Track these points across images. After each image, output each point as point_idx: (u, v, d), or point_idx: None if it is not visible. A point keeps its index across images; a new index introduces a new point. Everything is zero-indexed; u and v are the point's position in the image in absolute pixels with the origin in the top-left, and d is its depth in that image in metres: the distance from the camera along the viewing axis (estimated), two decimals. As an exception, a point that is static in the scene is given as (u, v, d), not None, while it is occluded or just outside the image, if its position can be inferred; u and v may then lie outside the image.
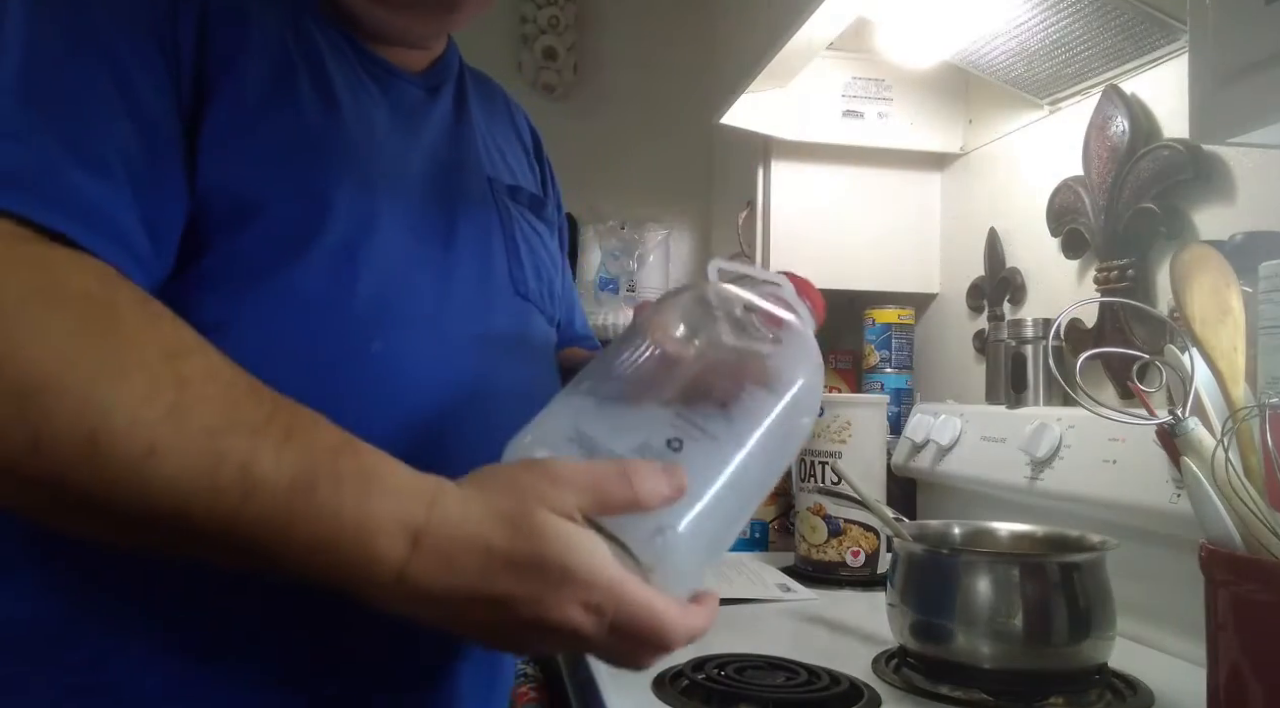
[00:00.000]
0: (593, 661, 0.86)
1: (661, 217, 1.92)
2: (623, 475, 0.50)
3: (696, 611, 0.53)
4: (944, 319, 1.56)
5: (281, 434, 0.48)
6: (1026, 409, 1.18)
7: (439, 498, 0.49)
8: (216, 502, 0.46)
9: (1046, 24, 1.11)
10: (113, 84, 0.56)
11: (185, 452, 0.46)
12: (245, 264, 0.60)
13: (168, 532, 0.48)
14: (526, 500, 0.49)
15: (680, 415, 0.55)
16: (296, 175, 0.63)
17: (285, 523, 0.47)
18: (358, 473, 0.49)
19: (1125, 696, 0.79)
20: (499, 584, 0.48)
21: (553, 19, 1.90)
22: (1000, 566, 0.80)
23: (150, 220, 0.56)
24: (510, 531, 0.49)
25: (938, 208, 1.58)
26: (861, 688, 0.78)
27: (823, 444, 1.25)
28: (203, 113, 0.60)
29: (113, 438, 0.45)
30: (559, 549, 0.48)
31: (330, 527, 0.47)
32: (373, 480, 0.49)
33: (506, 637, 0.52)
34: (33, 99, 0.52)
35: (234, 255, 0.60)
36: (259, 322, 0.60)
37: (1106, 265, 1.12)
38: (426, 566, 0.48)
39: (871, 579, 1.22)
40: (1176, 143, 1.02)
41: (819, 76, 1.44)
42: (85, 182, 0.52)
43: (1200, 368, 0.68)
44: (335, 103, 0.68)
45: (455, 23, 0.79)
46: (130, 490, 0.46)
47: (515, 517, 0.49)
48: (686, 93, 1.93)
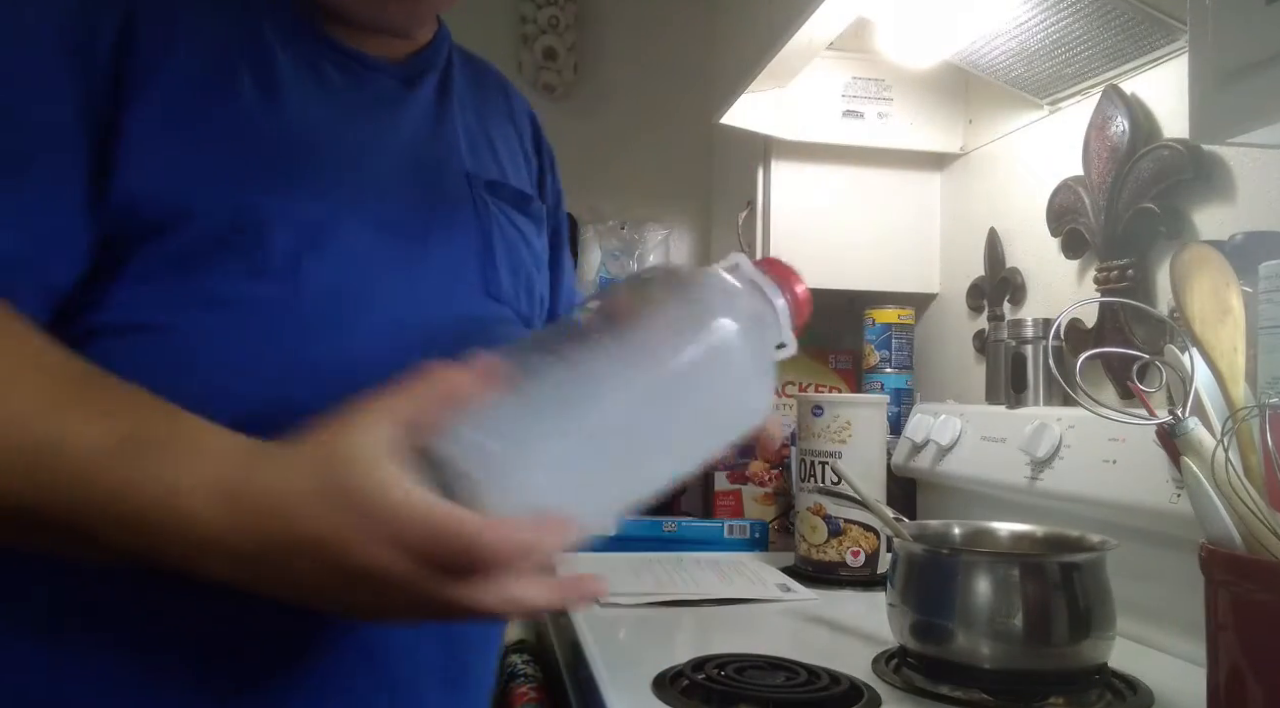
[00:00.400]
0: (593, 661, 0.86)
1: (661, 217, 1.92)
2: (430, 381, 0.48)
3: (519, 522, 0.46)
4: (944, 319, 1.56)
5: (97, 413, 0.49)
6: (1026, 409, 1.18)
7: (259, 459, 0.48)
8: (31, 483, 0.47)
9: (1046, 24, 1.11)
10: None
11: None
12: (176, 269, 0.59)
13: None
14: (336, 437, 0.47)
15: (542, 343, 0.52)
16: (228, 179, 0.61)
17: (104, 499, 0.47)
18: (170, 440, 0.48)
19: (1125, 696, 0.79)
20: (308, 526, 0.46)
21: (553, 19, 1.90)
22: (1000, 566, 0.80)
23: (35, 229, 0.56)
24: (317, 468, 0.46)
25: (938, 208, 1.58)
26: (861, 688, 0.78)
27: (823, 444, 1.25)
28: (121, 118, 0.59)
29: None
30: (358, 475, 0.45)
31: (143, 495, 0.47)
32: (187, 447, 0.48)
33: (333, 596, 0.49)
34: None
35: (165, 260, 0.59)
36: (203, 329, 0.59)
37: (1106, 265, 1.12)
38: (243, 523, 0.46)
39: (871, 579, 1.22)
40: (1176, 143, 1.02)
41: (819, 76, 1.44)
42: None
43: (1200, 368, 0.68)
44: (280, 99, 0.66)
45: (425, 8, 0.76)
46: None
47: (323, 455, 0.47)
48: (686, 93, 1.92)
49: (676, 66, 1.95)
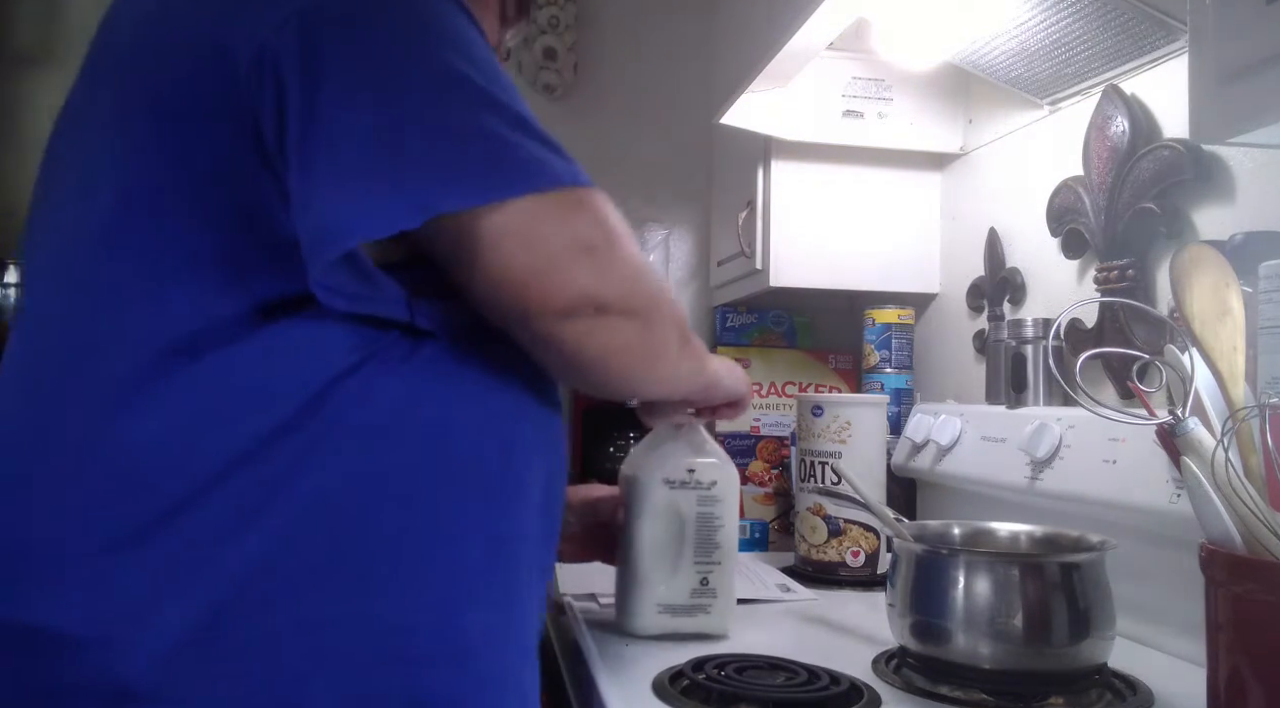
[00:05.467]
0: (593, 661, 0.86)
1: (661, 217, 1.92)
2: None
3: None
4: (944, 319, 1.56)
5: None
6: (1026, 409, 1.18)
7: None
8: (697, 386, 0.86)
9: (1046, 24, 1.11)
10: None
11: None
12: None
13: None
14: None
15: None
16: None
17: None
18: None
19: (1125, 696, 0.79)
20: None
21: (553, 19, 1.90)
22: (1000, 566, 0.80)
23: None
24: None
25: (938, 208, 1.58)
26: (861, 688, 0.78)
27: (823, 444, 1.25)
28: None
29: None
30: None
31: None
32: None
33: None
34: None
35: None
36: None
37: (1106, 265, 1.12)
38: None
39: (871, 579, 1.22)
40: (1176, 143, 1.02)
41: (819, 76, 1.44)
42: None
43: (1200, 368, 0.68)
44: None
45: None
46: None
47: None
48: (686, 93, 1.92)
49: (676, 66, 1.95)
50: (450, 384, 0.66)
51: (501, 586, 0.67)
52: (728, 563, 0.95)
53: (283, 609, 0.58)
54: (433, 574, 0.63)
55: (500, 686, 0.65)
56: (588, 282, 0.63)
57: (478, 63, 0.64)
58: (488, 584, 0.66)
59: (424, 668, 0.61)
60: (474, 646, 0.64)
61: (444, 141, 0.61)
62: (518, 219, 0.62)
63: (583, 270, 0.63)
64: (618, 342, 0.67)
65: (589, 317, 0.64)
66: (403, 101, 0.61)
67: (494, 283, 0.63)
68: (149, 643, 0.56)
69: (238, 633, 0.57)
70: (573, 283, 0.63)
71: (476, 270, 0.62)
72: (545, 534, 0.73)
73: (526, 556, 0.70)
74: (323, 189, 0.59)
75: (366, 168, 0.60)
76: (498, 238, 0.61)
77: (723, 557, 0.95)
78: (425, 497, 0.63)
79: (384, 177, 0.60)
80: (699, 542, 0.94)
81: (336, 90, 0.60)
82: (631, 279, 0.66)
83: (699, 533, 0.94)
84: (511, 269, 0.62)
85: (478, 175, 0.61)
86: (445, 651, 0.62)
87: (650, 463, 0.95)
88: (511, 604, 0.68)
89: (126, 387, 0.60)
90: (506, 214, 0.61)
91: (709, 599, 0.94)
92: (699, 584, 0.94)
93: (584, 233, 0.64)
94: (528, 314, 0.63)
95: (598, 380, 0.70)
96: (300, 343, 0.62)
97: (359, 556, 0.61)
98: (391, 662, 0.60)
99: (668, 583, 0.94)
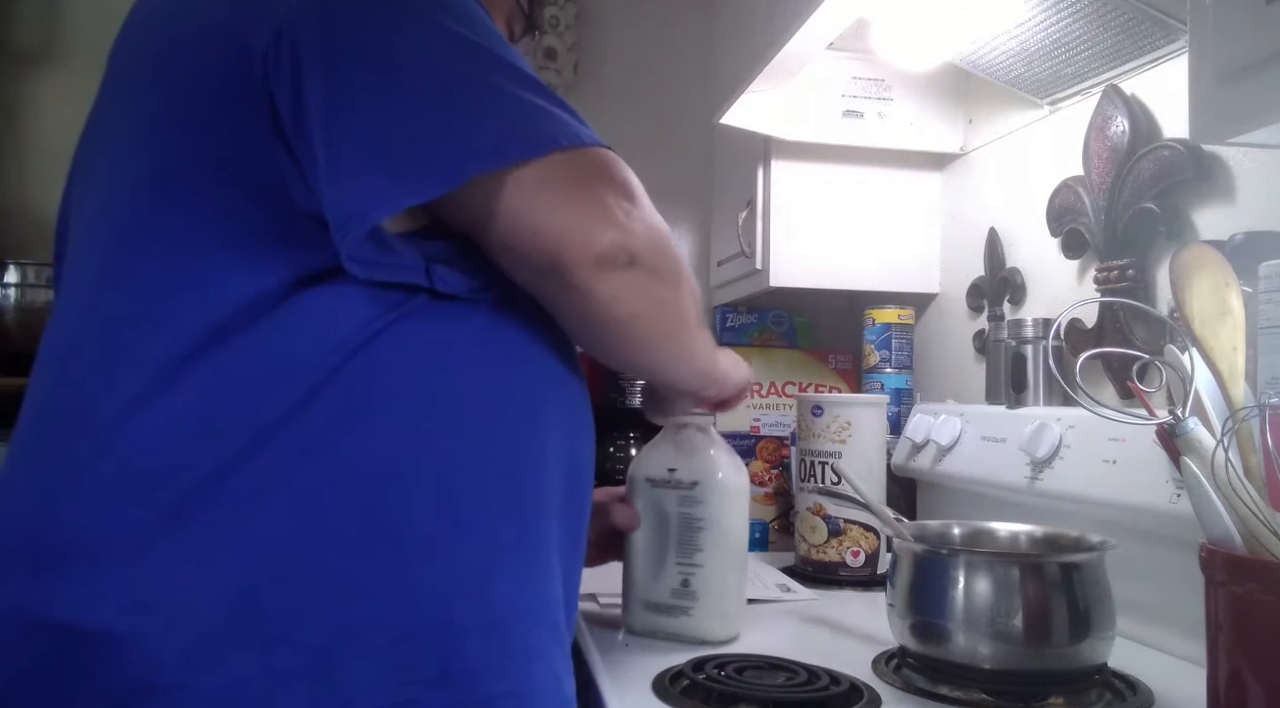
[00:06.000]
0: (593, 661, 0.86)
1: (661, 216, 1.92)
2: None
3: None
4: (944, 319, 1.56)
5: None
6: (1026, 409, 1.18)
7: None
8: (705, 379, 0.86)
9: (1046, 24, 1.11)
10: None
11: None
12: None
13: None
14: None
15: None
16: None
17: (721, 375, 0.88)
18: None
19: (1125, 696, 0.79)
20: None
21: (553, 19, 1.90)
22: (1000, 566, 0.80)
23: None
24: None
25: (938, 208, 1.58)
26: (861, 688, 0.78)
27: (823, 444, 1.25)
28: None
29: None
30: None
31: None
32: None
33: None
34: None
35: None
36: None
37: (1106, 265, 1.12)
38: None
39: (871, 579, 1.22)
40: (1176, 143, 1.02)
41: (819, 76, 1.44)
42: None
43: (1200, 368, 0.68)
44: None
45: None
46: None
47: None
48: (686, 93, 1.92)
49: (676, 66, 1.95)
50: (474, 348, 0.67)
51: (531, 558, 0.67)
52: (714, 567, 0.93)
53: (314, 576, 0.58)
54: (463, 544, 0.63)
55: (529, 658, 0.65)
56: (619, 235, 0.65)
57: (490, 35, 0.66)
58: (518, 557, 0.66)
59: (455, 637, 0.61)
60: (504, 617, 0.64)
61: (469, 106, 0.63)
62: (550, 173, 0.64)
63: (613, 223, 0.65)
64: (647, 298, 0.69)
65: (623, 268, 0.66)
66: (423, 73, 0.63)
67: (530, 237, 0.64)
68: (181, 631, 0.56)
69: (270, 602, 0.58)
70: (606, 233, 0.65)
71: (511, 228, 0.64)
72: (572, 508, 0.73)
73: (552, 528, 0.70)
74: (350, 166, 0.60)
75: (394, 141, 0.61)
76: (532, 194, 0.63)
77: (706, 560, 0.93)
78: (455, 467, 0.64)
79: (411, 148, 0.61)
80: (680, 542, 0.93)
81: (356, 68, 0.61)
82: (658, 239, 0.69)
83: (680, 534, 0.93)
84: (547, 223, 0.64)
85: (506, 135, 0.63)
86: (477, 620, 0.62)
87: (640, 460, 0.97)
88: (540, 578, 0.68)
89: (159, 371, 0.60)
90: (538, 170, 0.63)
91: (689, 602, 0.93)
92: (679, 585, 0.93)
93: (612, 190, 0.66)
94: (564, 266, 0.64)
95: (621, 343, 0.72)
96: (322, 311, 0.62)
97: (390, 523, 0.61)
98: (423, 631, 0.60)
99: (652, 581, 0.94)
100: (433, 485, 0.63)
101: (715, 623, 0.94)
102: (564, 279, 0.65)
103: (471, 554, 0.63)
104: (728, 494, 0.94)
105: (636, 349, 0.73)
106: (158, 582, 0.57)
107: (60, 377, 0.65)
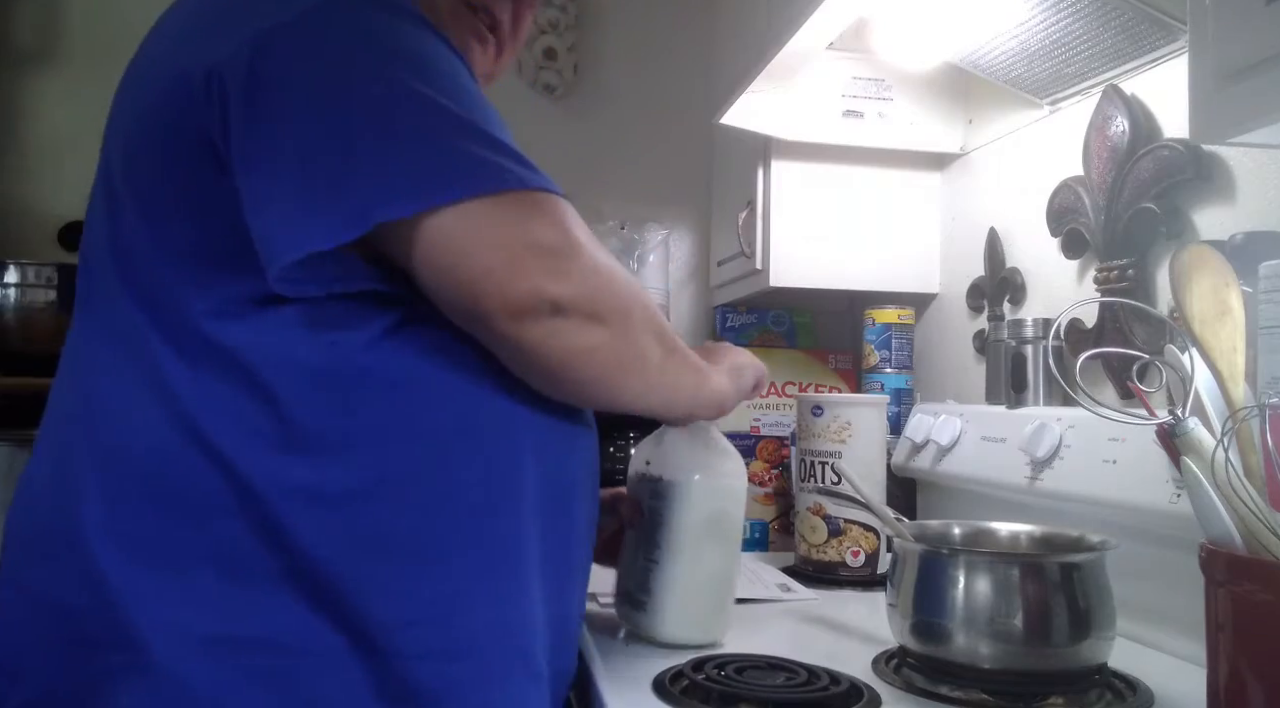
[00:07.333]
0: (593, 661, 0.86)
1: (661, 217, 1.91)
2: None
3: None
4: (944, 319, 1.56)
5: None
6: (1026, 409, 1.18)
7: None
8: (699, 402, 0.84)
9: (1046, 24, 1.11)
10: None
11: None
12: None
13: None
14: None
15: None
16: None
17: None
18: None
19: (1125, 696, 0.79)
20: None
21: (553, 19, 1.90)
22: (1000, 566, 0.80)
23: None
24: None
25: (938, 208, 1.58)
26: (861, 688, 0.78)
27: (823, 444, 1.25)
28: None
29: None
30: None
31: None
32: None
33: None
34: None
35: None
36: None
37: (1106, 265, 1.12)
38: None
39: (871, 579, 1.22)
40: (1176, 143, 1.02)
41: (819, 76, 1.44)
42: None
43: (1200, 368, 0.68)
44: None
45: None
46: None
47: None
48: (686, 93, 1.92)
49: (676, 66, 1.95)
50: (442, 374, 0.67)
51: (502, 584, 0.67)
52: (670, 566, 0.89)
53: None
54: (427, 572, 0.64)
55: (490, 683, 0.66)
56: (542, 282, 0.63)
57: (434, 77, 0.65)
58: (487, 583, 0.66)
59: (416, 661, 0.63)
60: (467, 644, 0.65)
61: (383, 151, 0.62)
62: (462, 222, 0.62)
63: (536, 271, 0.63)
64: (580, 345, 0.66)
65: (546, 317, 0.64)
66: (343, 115, 0.62)
67: (447, 285, 0.63)
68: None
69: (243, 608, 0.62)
70: (524, 282, 0.63)
71: (431, 274, 0.63)
72: (559, 526, 0.73)
73: (531, 551, 0.70)
74: (267, 202, 0.62)
75: (306, 180, 0.61)
76: (444, 241, 0.62)
77: (662, 557, 0.89)
78: (420, 500, 0.65)
79: (322, 189, 0.61)
80: (647, 538, 0.91)
81: (277, 104, 0.62)
82: (595, 285, 0.66)
83: (648, 528, 0.91)
84: (461, 270, 0.62)
85: (417, 181, 0.61)
86: (436, 648, 0.63)
87: (634, 453, 0.97)
88: (510, 604, 0.68)
89: (142, 391, 0.64)
90: (449, 217, 0.62)
91: (645, 597, 0.91)
92: (641, 578, 0.91)
93: (539, 234, 0.64)
94: (484, 315, 0.63)
95: (570, 388, 0.69)
96: (268, 343, 0.64)
97: (357, 552, 0.63)
98: (384, 653, 0.62)
99: (626, 573, 0.94)
100: (397, 517, 0.64)
101: (671, 625, 0.90)
102: (487, 326, 0.64)
103: (435, 581, 0.64)
104: (689, 495, 0.89)
105: (587, 391, 0.70)
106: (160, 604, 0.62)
107: (68, 401, 0.71)
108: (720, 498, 0.91)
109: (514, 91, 1.88)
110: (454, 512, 0.66)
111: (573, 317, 0.65)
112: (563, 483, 0.74)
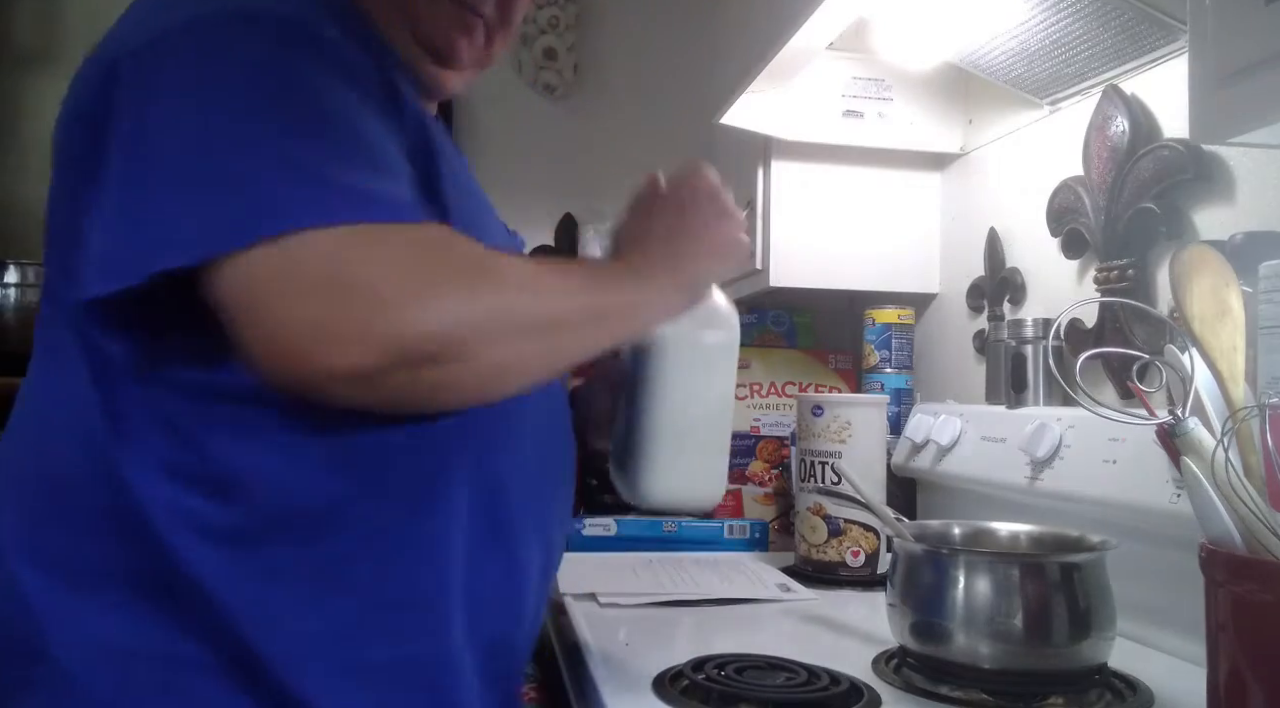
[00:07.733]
0: (593, 661, 0.86)
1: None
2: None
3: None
4: (944, 319, 1.56)
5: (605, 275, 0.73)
6: (1026, 409, 1.18)
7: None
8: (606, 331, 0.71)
9: (1046, 24, 1.11)
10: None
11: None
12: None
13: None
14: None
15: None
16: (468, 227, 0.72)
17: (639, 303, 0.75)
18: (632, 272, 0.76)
19: (1125, 696, 0.79)
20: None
21: (553, 19, 1.90)
22: (1000, 566, 0.80)
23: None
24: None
25: (938, 208, 1.58)
26: (861, 688, 0.78)
27: (823, 444, 1.25)
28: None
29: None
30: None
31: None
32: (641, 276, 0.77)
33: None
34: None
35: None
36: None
37: (1106, 265, 1.12)
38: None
39: (871, 579, 1.22)
40: (1176, 143, 1.02)
41: (819, 76, 1.44)
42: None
43: (1200, 368, 0.68)
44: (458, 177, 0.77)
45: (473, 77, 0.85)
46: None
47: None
48: (686, 93, 1.92)
49: (676, 66, 1.95)
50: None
51: (408, 615, 0.67)
52: (649, 419, 0.81)
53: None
54: (320, 608, 0.64)
55: None
56: (367, 332, 0.53)
57: (286, 102, 0.59)
58: (393, 615, 0.66)
59: (313, 687, 0.63)
60: (360, 679, 0.65)
61: (172, 191, 0.56)
62: (254, 271, 0.54)
63: (356, 320, 0.53)
64: (441, 383, 0.57)
65: (387, 374, 0.54)
66: (147, 152, 0.58)
67: (249, 355, 0.55)
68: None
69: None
70: (348, 341, 0.53)
71: (234, 330, 0.56)
72: (499, 536, 0.71)
73: (454, 576, 0.68)
74: (90, 231, 0.60)
75: (110, 219, 0.58)
76: (236, 296, 0.54)
77: (642, 412, 0.81)
78: (327, 526, 0.64)
79: (119, 230, 0.57)
80: (629, 397, 0.83)
81: (117, 133, 0.60)
82: (421, 320, 0.55)
83: (629, 388, 0.83)
84: (261, 338, 0.54)
85: (202, 225, 0.54)
86: (327, 687, 0.63)
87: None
88: (411, 637, 0.67)
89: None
90: (270, 262, 0.53)
91: (627, 458, 0.83)
92: (623, 439, 0.84)
93: (348, 274, 0.54)
94: (309, 384, 0.55)
95: (461, 408, 0.64)
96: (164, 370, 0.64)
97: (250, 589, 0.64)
98: (273, 688, 0.62)
99: (615, 438, 0.86)
100: (298, 548, 0.63)
101: (657, 484, 0.82)
102: (325, 393, 0.56)
103: (334, 613, 0.64)
104: (666, 342, 0.81)
105: (481, 402, 0.63)
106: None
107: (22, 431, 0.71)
108: (703, 346, 0.83)
109: (514, 91, 1.88)
110: (363, 540, 0.65)
111: (418, 368, 0.55)
112: (491, 486, 0.71)
